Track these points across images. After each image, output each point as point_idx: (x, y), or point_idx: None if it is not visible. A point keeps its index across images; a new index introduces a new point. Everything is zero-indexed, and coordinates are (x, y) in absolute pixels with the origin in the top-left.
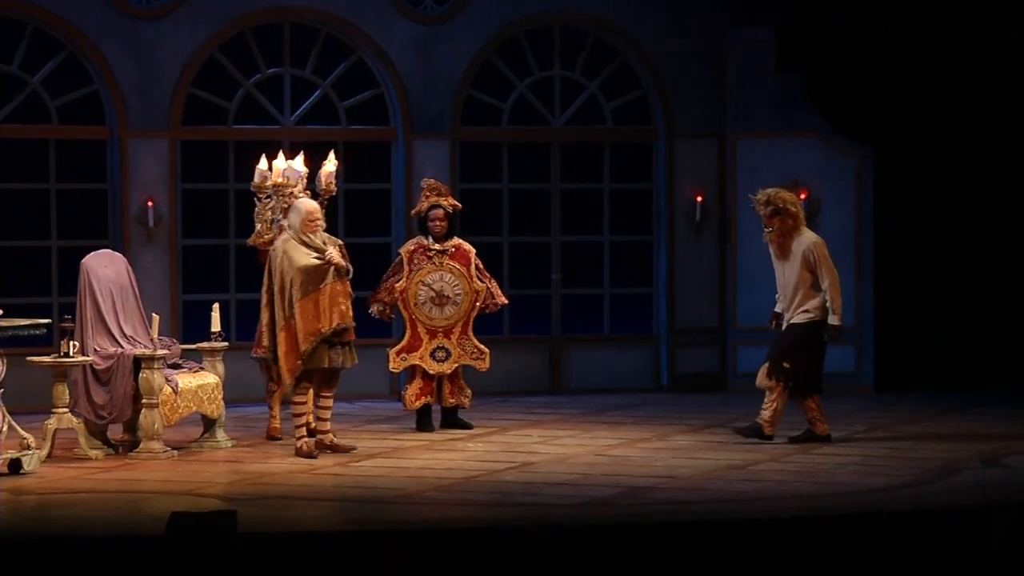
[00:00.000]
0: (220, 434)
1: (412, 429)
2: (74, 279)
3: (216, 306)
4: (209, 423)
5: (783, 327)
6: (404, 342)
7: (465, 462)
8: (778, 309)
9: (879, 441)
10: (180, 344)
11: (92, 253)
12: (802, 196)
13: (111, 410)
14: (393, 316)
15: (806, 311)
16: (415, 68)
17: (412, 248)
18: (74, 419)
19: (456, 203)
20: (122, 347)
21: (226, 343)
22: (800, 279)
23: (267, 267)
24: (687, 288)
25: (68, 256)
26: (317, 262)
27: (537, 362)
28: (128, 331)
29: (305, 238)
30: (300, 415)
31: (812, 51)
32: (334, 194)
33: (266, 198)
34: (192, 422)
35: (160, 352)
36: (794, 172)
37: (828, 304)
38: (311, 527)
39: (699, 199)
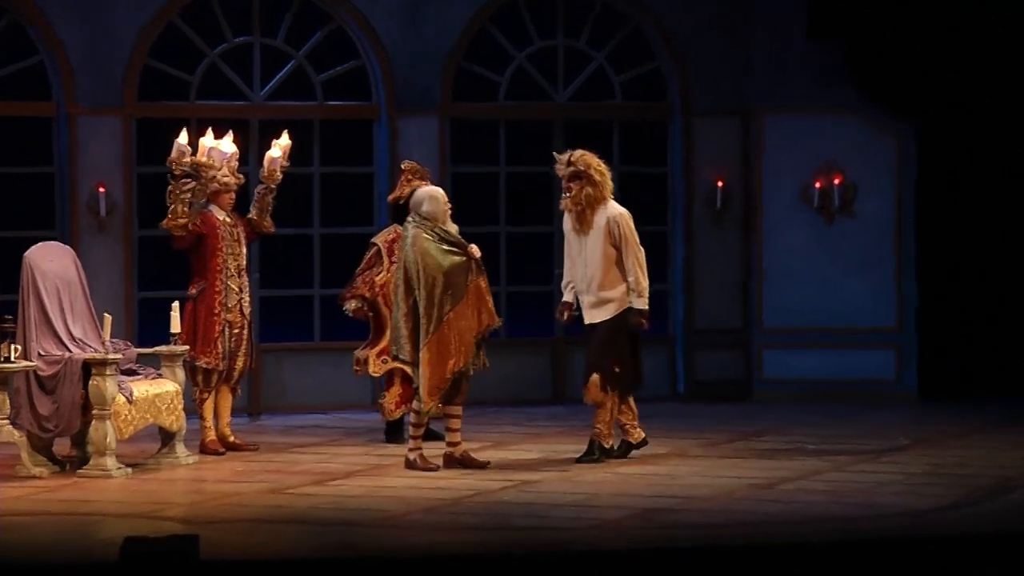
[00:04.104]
0: (180, 449)
1: (391, 443)
2: (15, 274)
3: (176, 305)
4: (168, 437)
5: (586, 321)
6: (384, 342)
7: (456, 480)
8: (568, 297)
9: (923, 457)
10: (135, 348)
11: (36, 245)
12: (836, 181)
13: (57, 422)
14: (371, 314)
15: (611, 301)
16: (401, 37)
17: (391, 237)
18: (15, 432)
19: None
20: (70, 351)
21: (187, 347)
22: (604, 255)
23: (400, 270)
24: (707, 284)
25: (9, 248)
26: (460, 259)
27: (538, 367)
28: (77, 333)
29: (442, 230)
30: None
31: (849, 15)
32: (279, 181)
33: (183, 177)
34: (149, 435)
35: (113, 356)
36: (828, 153)
37: (632, 286)
38: (282, 553)
39: (720, 184)
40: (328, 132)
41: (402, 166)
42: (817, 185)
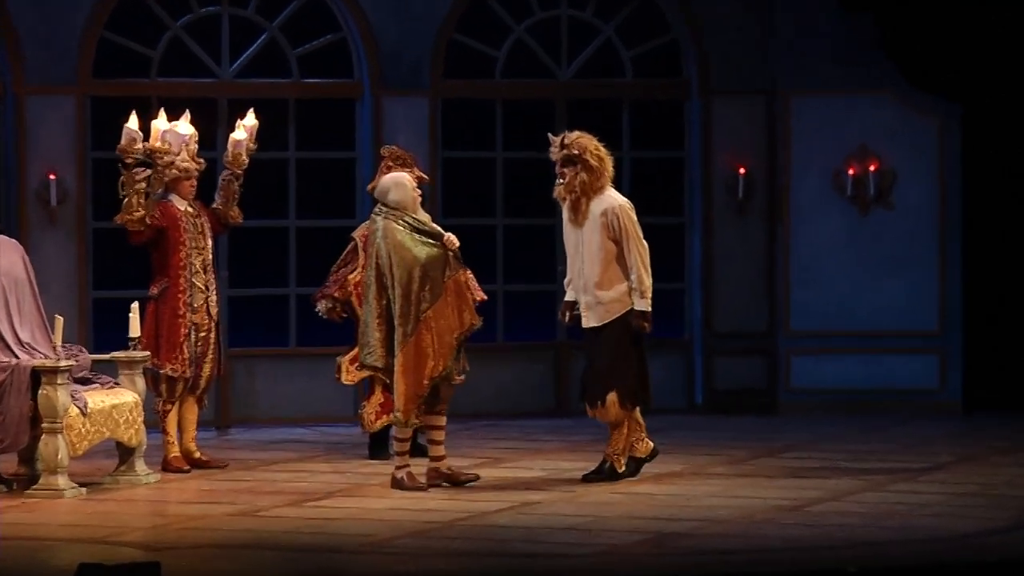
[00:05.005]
0: (140, 466)
1: (375, 459)
2: None
3: (135, 306)
4: (126, 453)
5: (584, 324)
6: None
7: (448, 501)
8: (571, 296)
9: (968, 475)
10: (90, 353)
11: None
12: (871, 167)
13: (3, 436)
14: (345, 315)
15: (611, 302)
16: (386, 7)
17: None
18: None
19: (423, 175)
20: (17, 357)
21: (148, 352)
22: (602, 250)
23: (372, 268)
24: (727, 282)
25: None
26: (437, 250)
27: (538, 375)
28: (25, 337)
29: (414, 219)
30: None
31: None
32: (246, 167)
33: (137, 166)
34: (105, 451)
35: (65, 363)
36: (862, 136)
37: (635, 285)
38: None
39: (742, 171)
40: (305, 113)
41: (382, 152)
42: (850, 172)
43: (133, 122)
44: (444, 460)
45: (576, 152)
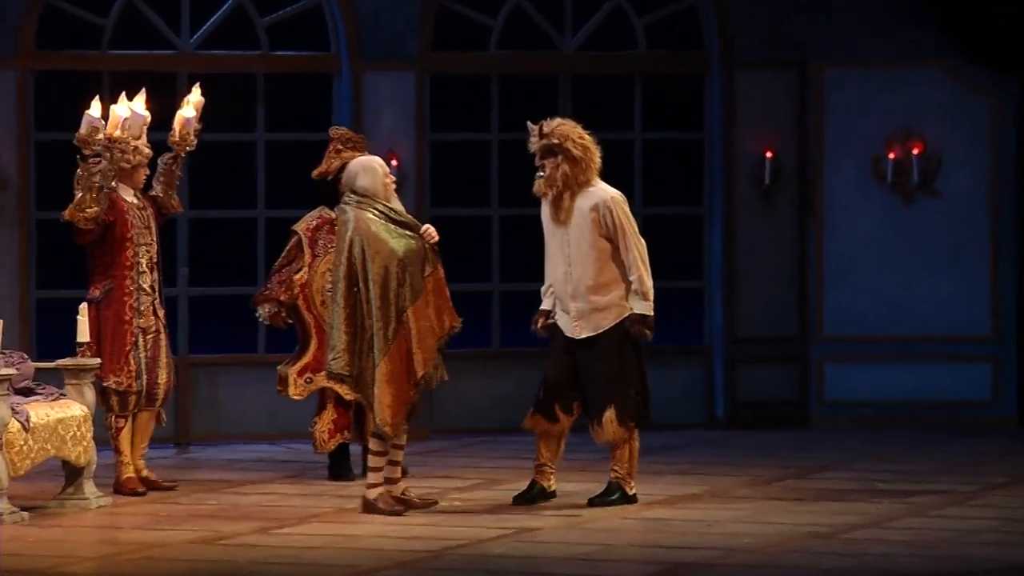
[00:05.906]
0: (89, 488)
1: (337, 479)
2: None
3: (84, 307)
4: (74, 473)
5: (577, 335)
6: (308, 357)
7: (437, 528)
8: (547, 304)
9: None
10: (33, 361)
11: None
12: (915, 151)
13: None
14: (290, 321)
15: (609, 308)
16: None
17: (315, 224)
18: None
19: None
20: None
21: (99, 360)
22: (594, 250)
23: (342, 264)
24: (753, 281)
25: None
26: (415, 243)
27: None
28: None
29: (388, 208)
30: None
31: None
32: (192, 149)
33: (94, 157)
34: (50, 471)
35: (4, 371)
36: (906, 116)
37: (635, 286)
38: None
39: (769, 155)
40: (275, 89)
41: (330, 133)
42: (891, 156)
43: (95, 109)
44: (379, 487)
45: (556, 141)
